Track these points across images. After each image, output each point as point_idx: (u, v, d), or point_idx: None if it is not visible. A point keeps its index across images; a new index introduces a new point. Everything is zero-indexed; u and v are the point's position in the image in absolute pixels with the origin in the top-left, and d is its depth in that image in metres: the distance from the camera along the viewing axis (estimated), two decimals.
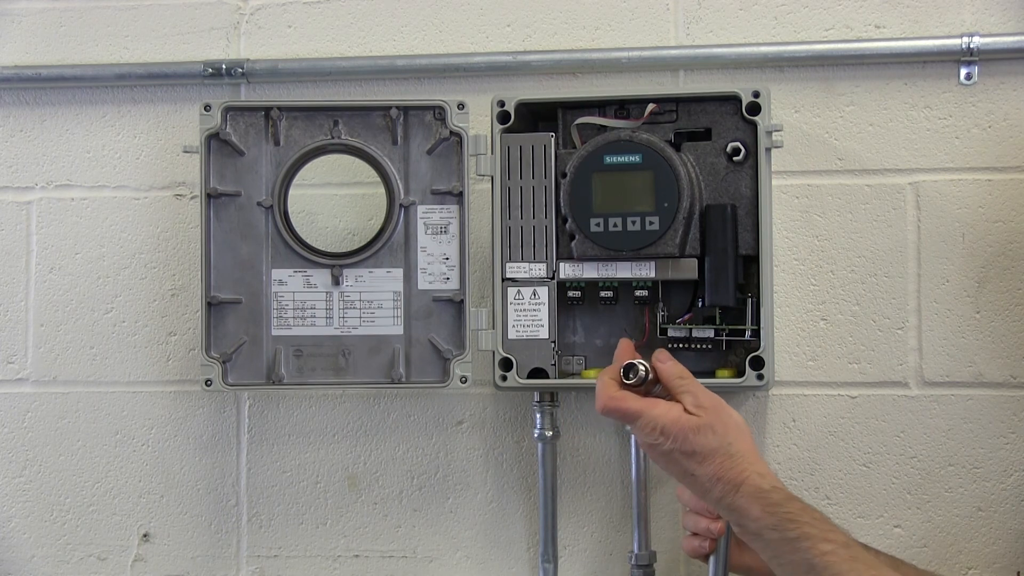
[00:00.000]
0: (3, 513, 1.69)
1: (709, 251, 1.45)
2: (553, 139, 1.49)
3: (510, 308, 1.50)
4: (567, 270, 1.49)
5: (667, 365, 1.31)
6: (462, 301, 1.52)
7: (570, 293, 1.50)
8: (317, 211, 1.63)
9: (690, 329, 1.48)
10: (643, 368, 1.31)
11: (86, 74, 1.68)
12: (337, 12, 1.66)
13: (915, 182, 1.56)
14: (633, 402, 1.26)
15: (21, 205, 1.70)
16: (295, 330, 1.54)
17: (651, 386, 1.32)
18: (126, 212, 1.68)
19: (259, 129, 1.54)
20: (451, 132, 1.51)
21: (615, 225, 1.45)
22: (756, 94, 1.44)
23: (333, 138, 1.54)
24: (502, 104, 1.49)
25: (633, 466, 1.55)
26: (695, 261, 1.45)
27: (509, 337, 1.49)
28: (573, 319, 1.55)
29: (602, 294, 1.49)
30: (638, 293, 1.48)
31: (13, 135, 1.70)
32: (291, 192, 1.55)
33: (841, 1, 1.58)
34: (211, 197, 1.53)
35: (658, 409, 1.25)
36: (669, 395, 1.29)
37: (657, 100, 1.48)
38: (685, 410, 1.25)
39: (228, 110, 1.53)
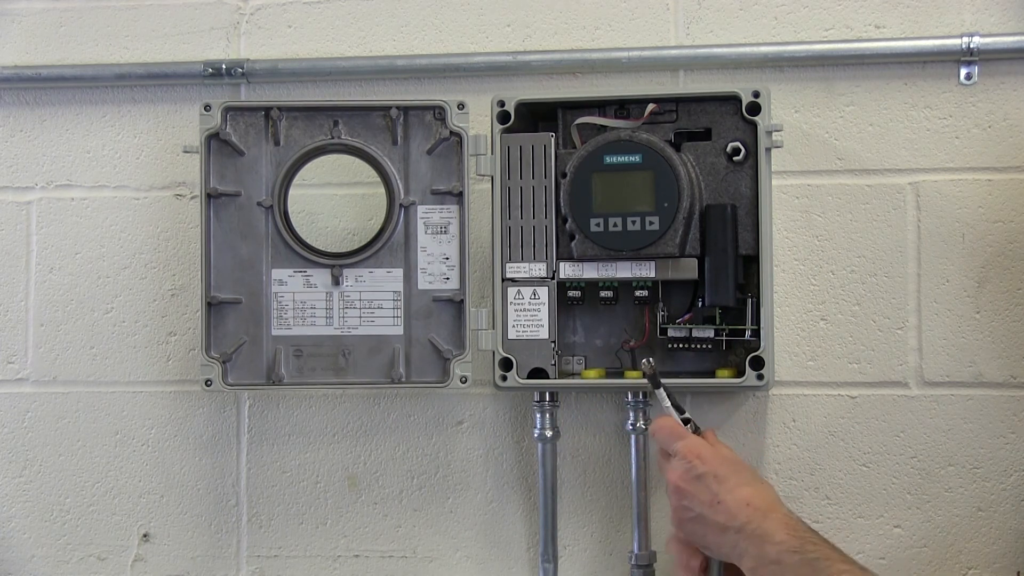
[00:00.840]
0: (3, 513, 1.70)
1: (709, 251, 1.45)
2: (553, 139, 1.49)
3: (510, 308, 1.50)
4: (567, 270, 1.49)
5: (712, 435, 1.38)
6: (462, 301, 1.52)
7: (570, 293, 1.50)
8: (317, 211, 1.63)
9: (690, 329, 1.49)
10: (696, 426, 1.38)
11: (86, 74, 1.68)
12: (337, 12, 1.67)
13: (915, 182, 1.56)
14: (684, 431, 1.33)
15: (21, 205, 1.70)
16: (295, 330, 1.54)
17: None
18: (126, 212, 1.68)
19: (259, 129, 1.55)
20: (451, 132, 1.52)
21: (615, 225, 1.45)
22: (756, 94, 1.45)
23: (333, 138, 1.54)
24: (502, 104, 1.49)
25: (633, 466, 1.55)
26: (695, 261, 1.46)
27: (509, 337, 1.50)
28: (573, 319, 1.56)
29: (602, 294, 1.50)
30: (638, 293, 1.49)
31: (13, 135, 1.71)
32: (291, 192, 1.55)
33: (841, 1, 1.59)
34: (211, 197, 1.54)
35: (702, 441, 1.32)
36: None
37: (657, 100, 1.49)
38: None
39: (228, 110, 1.54)
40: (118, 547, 1.69)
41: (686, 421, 1.36)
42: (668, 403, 1.36)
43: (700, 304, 1.48)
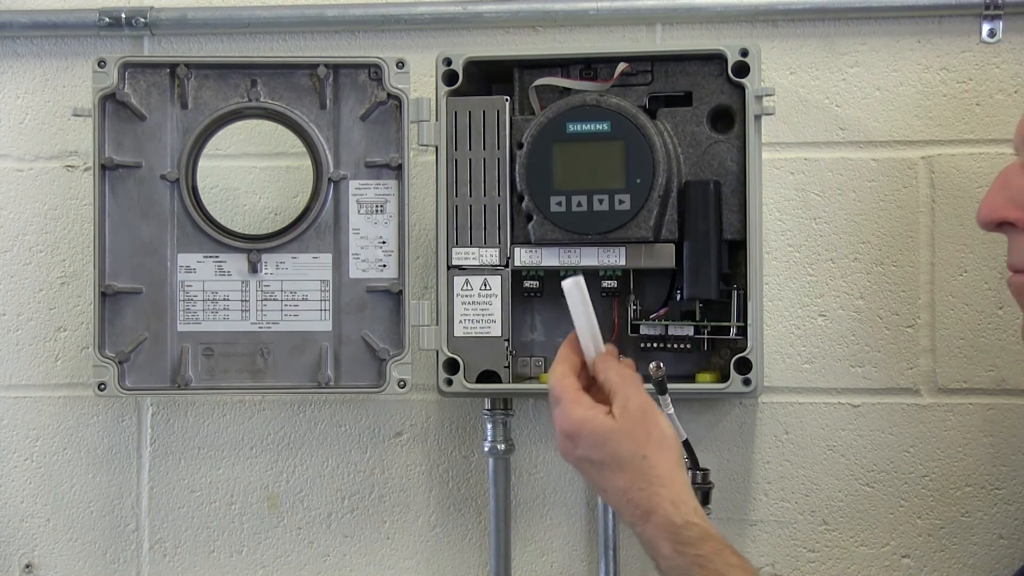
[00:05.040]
0: None
1: (688, 235, 1.46)
2: (508, 103, 1.50)
3: (457, 300, 1.50)
4: (523, 256, 1.49)
5: (611, 363, 1.27)
6: (401, 292, 1.52)
7: (527, 283, 1.51)
8: (231, 186, 1.63)
9: (666, 326, 1.49)
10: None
11: None
12: None
13: (929, 156, 1.57)
14: (567, 390, 1.23)
15: None
16: (205, 325, 1.54)
17: None
18: (8, 186, 1.68)
19: (163, 89, 1.54)
20: (389, 95, 1.52)
21: (579, 204, 1.45)
22: (744, 52, 1.45)
23: (250, 100, 1.54)
24: (448, 62, 1.50)
25: None
26: (672, 247, 1.46)
27: (455, 334, 1.50)
28: (530, 314, 1.56)
29: None
30: (606, 284, 1.49)
31: None
32: (201, 164, 1.55)
33: None
34: (106, 169, 1.53)
35: (579, 406, 1.22)
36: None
37: (630, 59, 1.49)
38: (609, 413, 1.22)
39: (126, 67, 1.53)
40: None
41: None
42: (672, 410, 1.35)
43: (678, 297, 1.49)
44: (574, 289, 1.23)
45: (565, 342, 1.27)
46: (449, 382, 1.49)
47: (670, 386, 1.42)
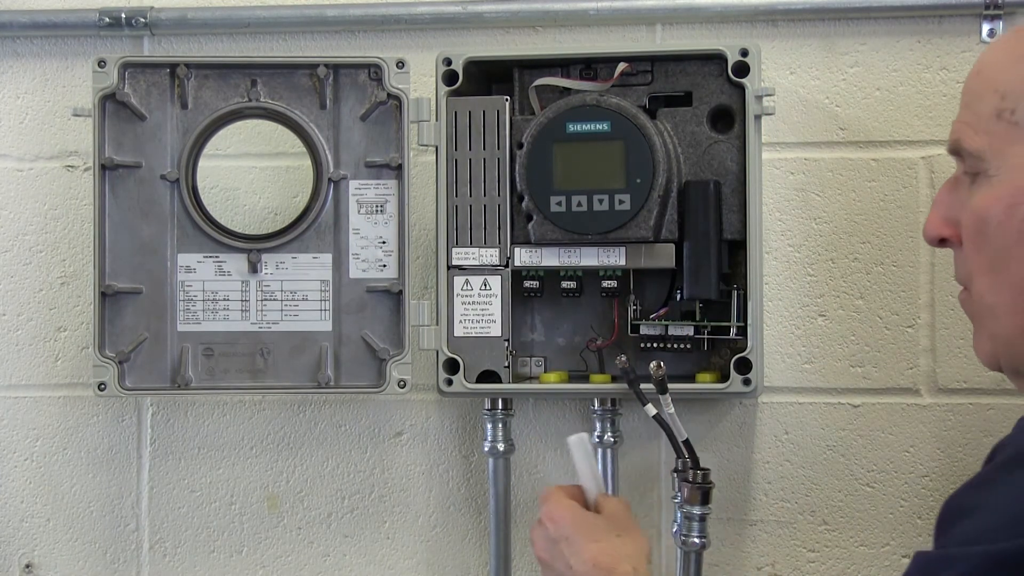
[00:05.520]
0: None
1: (688, 235, 1.45)
2: (508, 103, 1.50)
3: (457, 300, 1.50)
4: (523, 256, 1.49)
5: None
6: (401, 292, 1.52)
7: (527, 283, 1.51)
8: (231, 186, 1.63)
9: (666, 326, 1.49)
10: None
11: None
12: None
13: (929, 156, 1.56)
14: (559, 493, 1.32)
15: None
16: (205, 325, 1.54)
17: None
18: (8, 186, 1.67)
19: (163, 89, 1.54)
20: (389, 95, 1.52)
21: (579, 204, 1.45)
22: (744, 52, 1.45)
23: (250, 100, 1.54)
24: (449, 62, 1.50)
25: None
26: (672, 247, 1.46)
27: (455, 334, 1.50)
28: (530, 314, 1.57)
29: (564, 285, 1.50)
30: (606, 284, 1.49)
31: None
32: (201, 164, 1.54)
33: None
34: (106, 169, 1.52)
35: (569, 501, 1.30)
36: None
37: (630, 59, 1.49)
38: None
39: (126, 66, 1.53)
40: None
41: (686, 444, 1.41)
42: (672, 409, 1.39)
43: (678, 297, 1.49)
44: (579, 444, 1.30)
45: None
46: (449, 382, 1.49)
47: (670, 386, 1.44)
